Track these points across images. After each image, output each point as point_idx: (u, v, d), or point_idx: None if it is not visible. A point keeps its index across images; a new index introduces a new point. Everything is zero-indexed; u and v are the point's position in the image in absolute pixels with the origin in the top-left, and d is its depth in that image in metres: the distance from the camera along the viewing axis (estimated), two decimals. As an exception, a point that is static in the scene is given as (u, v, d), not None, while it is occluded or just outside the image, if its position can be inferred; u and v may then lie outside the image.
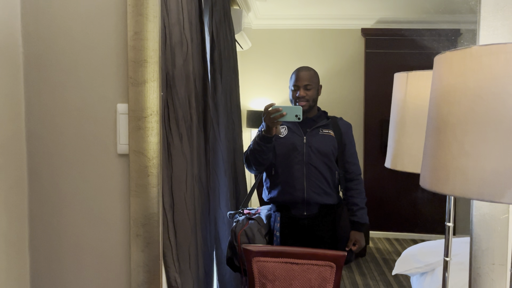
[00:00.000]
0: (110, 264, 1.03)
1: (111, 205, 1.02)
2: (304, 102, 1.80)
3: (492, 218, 0.90)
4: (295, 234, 1.84)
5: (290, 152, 1.86)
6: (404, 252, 1.98)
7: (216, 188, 2.05)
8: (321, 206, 1.84)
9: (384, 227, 3.10)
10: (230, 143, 2.25)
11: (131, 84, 0.94)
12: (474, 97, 0.67)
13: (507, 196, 0.64)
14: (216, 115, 2.08)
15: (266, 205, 1.99)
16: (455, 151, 0.69)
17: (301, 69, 1.85)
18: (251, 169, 1.90)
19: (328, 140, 1.87)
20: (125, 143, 0.99)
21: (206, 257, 1.80)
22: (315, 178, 1.84)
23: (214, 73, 2.07)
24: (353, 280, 2.60)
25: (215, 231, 2.03)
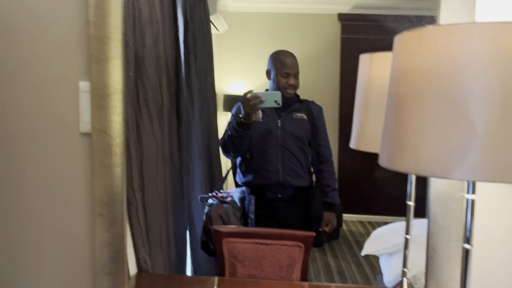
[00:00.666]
0: (74, 244, 1.02)
1: (74, 185, 1.01)
2: (292, 90, 1.82)
3: (449, 197, 0.93)
4: (269, 216, 1.87)
5: (265, 136, 1.87)
6: (373, 233, 2.03)
7: (190, 171, 2.05)
8: (295, 188, 1.87)
9: (357, 210, 3.15)
10: (205, 126, 2.25)
11: (93, 61, 0.92)
12: (429, 76, 0.68)
13: (457, 172, 0.66)
14: (190, 98, 2.07)
15: (238, 188, 2.00)
16: (410, 129, 0.71)
17: (288, 55, 1.85)
18: (229, 155, 1.91)
19: (301, 124, 1.88)
20: (88, 122, 0.97)
21: (179, 240, 1.80)
22: (290, 161, 1.86)
23: (188, 55, 2.05)
24: (326, 261, 2.65)
25: (189, 214, 2.03)
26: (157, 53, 1.56)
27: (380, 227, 2.56)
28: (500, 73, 0.63)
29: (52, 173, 1.02)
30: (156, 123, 1.50)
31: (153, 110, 1.49)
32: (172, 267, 1.67)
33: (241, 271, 1.40)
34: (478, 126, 0.64)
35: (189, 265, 2.02)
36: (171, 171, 1.69)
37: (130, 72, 1.37)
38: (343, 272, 2.52)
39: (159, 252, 1.49)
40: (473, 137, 0.64)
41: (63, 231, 1.03)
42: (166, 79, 1.63)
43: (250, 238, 1.42)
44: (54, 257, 1.05)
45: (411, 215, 1.07)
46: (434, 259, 0.94)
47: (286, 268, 1.38)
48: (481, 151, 0.64)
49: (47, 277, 1.06)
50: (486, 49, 0.64)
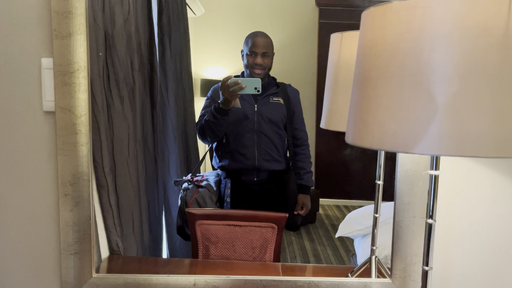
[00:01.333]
0: (38, 224, 1.00)
1: (38, 164, 0.98)
2: (260, 70, 1.80)
3: (414, 174, 0.94)
4: (245, 200, 1.87)
5: (242, 121, 1.87)
6: (347, 216, 2.06)
7: (165, 155, 2.03)
8: (271, 172, 1.87)
9: (334, 194, 3.18)
10: (180, 110, 2.22)
11: (55, 36, 0.89)
12: (392, 51, 0.69)
13: (418, 147, 0.66)
14: (165, 81, 2.04)
15: (213, 171, 2.00)
16: (374, 104, 0.71)
17: (258, 34, 1.84)
18: (205, 140, 1.90)
19: (278, 108, 1.89)
20: (51, 99, 0.94)
21: (153, 223, 1.79)
22: (266, 146, 1.87)
23: (162, 37, 2.01)
24: (302, 245, 2.68)
25: (164, 198, 2.02)
26: (128, 34, 1.52)
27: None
28: (460, 47, 0.63)
29: (14, 152, 0.99)
30: (127, 104, 1.47)
31: (124, 92, 1.46)
32: (146, 251, 1.66)
33: (214, 253, 1.40)
34: (439, 100, 0.64)
35: (166, 250, 2.01)
36: (144, 154, 1.67)
37: (99, 52, 1.34)
38: (319, 255, 2.55)
39: (131, 235, 1.48)
40: (433, 111, 0.65)
41: (26, 211, 1.00)
42: (138, 60, 1.60)
43: (223, 220, 1.42)
44: (17, 238, 1.02)
45: (379, 194, 1.09)
46: (399, 236, 0.96)
47: (259, 249, 1.39)
48: (441, 125, 0.64)
49: (11, 257, 1.04)
50: (448, 24, 0.64)
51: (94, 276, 0.98)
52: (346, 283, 1.00)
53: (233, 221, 1.42)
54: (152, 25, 1.83)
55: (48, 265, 1.02)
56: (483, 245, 1.06)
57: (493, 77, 0.63)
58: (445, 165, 1.00)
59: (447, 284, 1.07)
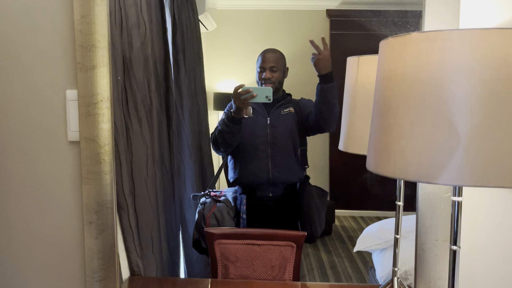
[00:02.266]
0: (63, 252, 1.02)
1: (63, 193, 1.00)
2: (269, 84, 1.82)
3: (436, 197, 0.94)
4: (261, 216, 1.87)
5: (255, 133, 1.88)
6: (365, 229, 2.05)
7: (181, 171, 2.05)
8: (286, 186, 1.88)
9: (349, 205, 3.17)
10: (195, 126, 2.24)
11: (80, 69, 0.92)
12: (412, 81, 0.69)
13: (442, 177, 0.67)
14: (180, 98, 2.06)
15: (230, 187, 2.01)
16: (395, 134, 0.72)
17: (267, 51, 1.87)
18: (219, 151, 1.91)
19: (289, 118, 1.90)
20: (76, 130, 0.97)
21: (171, 241, 1.80)
22: (280, 157, 1.88)
23: (176, 55, 2.04)
24: (319, 257, 2.67)
25: (180, 215, 2.03)
26: (145, 56, 1.55)
27: (372, 221, 2.59)
28: (481, 78, 0.64)
29: (40, 181, 1.02)
30: (145, 126, 1.49)
31: (142, 113, 1.48)
32: (165, 269, 1.67)
33: (233, 272, 1.41)
34: (461, 130, 0.65)
35: (183, 265, 2.02)
36: (162, 173, 1.69)
37: (118, 76, 1.36)
38: (336, 267, 2.54)
39: (151, 255, 1.49)
40: (456, 141, 0.65)
41: (52, 238, 1.02)
42: (154, 81, 1.62)
43: (242, 239, 1.43)
44: (43, 265, 1.05)
45: (400, 215, 1.09)
46: (422, 259, 0.95)
47: (278, 268, 1.40)
48: (464, 155, 0.65)
49: (37, 285, 1.06)
50: (468, 55, 0.65)
51: (118, 302, 0.99)
52: (369, 306, 1.00)
53: (252, 240, 1.43)
54: (167, 44, 1.86)
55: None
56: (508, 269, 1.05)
57: (517, 108, 0.63)
58: (467, 190, 0.99)
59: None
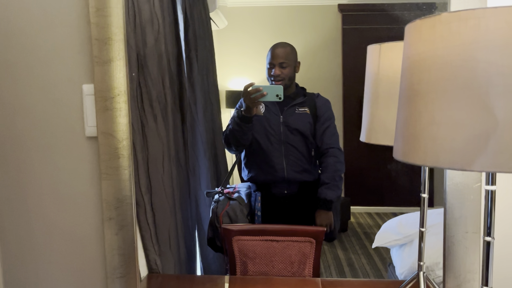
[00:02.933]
0: (83, 248, 1.01)
1: (82, 189, 0.99)
2: (279, 81, 1.77)
3: (465, 187, 0.91)
4: (276, 213, 1.85)
5: (268, 132, 1.85)
6: (384, 225, 2.02)
7: (196, 169, 2.04)
8: (301, 183, 1.85)
9: (364, 202, 3.13)
10: (208, 123, 2.23)
11: (96, 63, 0.90)
12: (443, 64, 0.66)
13: (476, 164, 0.64)
14: (193, 96, 2.05)
15: (244, 183, 1.98)
16: (425, 120, 0.69)
17: (277, 45, 1.82)
18: (231, 149, 1.89)
19: (304, 118, 1.86)
20: (93, 125, 0.95)
21: (188, 238, 1.79)
22: (294, 156, 1.84)
23: (189, 52, 2.03)
24: (335, 254, 2.64)
25: (196, 212, 2.02)
26: (159, 52, 1.54)
27: (387, 217, 2.55)
28: (518, 59, 0.60)
29: (59, 177, 1.01)
30: (161, 123, 1.49)
31: (157, 110, 1.47)
32: (182, 267, 1.66)
33: (252, 269, 1.39)
34: (498, 114, 0.61)
35: (199, 263, 2.01)
36: (178, 171, 1.68)
37: (132, 72, 1.35)
38: (353, 265, 2.51)
39: (168, 252, 1.48)
40: (493, 126, 0.62)
41: (72, 235, 1.01)
42: (168, 78, 1.61)
43: (260, 236, 1.41)
44: (64, 262, 1.04)
45: (425, 207, 1.06)
46: (451, 251, 0.92)
47: (298, 264, 1.37)
48: (501, 140, 0.62)
49: (58, 282, 1.05)
50: (504, 33, 0.61)
51: (139, 299, 0.98)
52: (396, 302, 0.97)
53: (270, 236, 1.40)
54: (180, 42, 1.85)
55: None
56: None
57: (557, 89, 0.60)
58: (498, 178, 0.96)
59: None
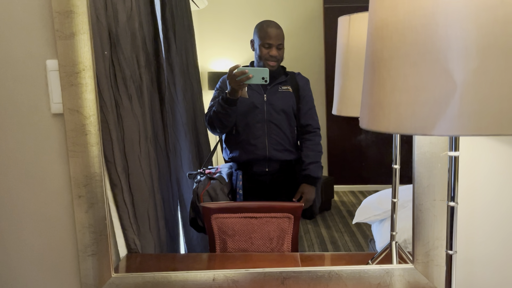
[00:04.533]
0: (54, 227, 1.00)
1: (50, 167, 0.97)
2: (274, 62, 1.78)
3: (433, 156, 0.91)
4: (257, 191, 1.85)
5: (251, 111, 1.85)
6: (364, 201, 2.04)
7: (177, 150, 2.03)
8: (282, 162, 1.86)
9: (348, 180, 3.15)
10: (189, 104, 2.21)
11: (59, 37, 0.88)
12: (404, 30, 0.66)
13: (437, 128, 0.64)
14: (172, 76, 2.03)
15: (226, 163, 1.99)
16: (388, 86, 0.69)
17: (272, 25, 1.81)
18: (215, 131, 1.89)
19: (287, 97, 1.86)
20: (59, 101, 0.93)
21: (169, 219, 1.79)
22: (276, 135, 1.85)
23: (166, 32, 2.00)
24: (319, 233, 2.66)
25: (179, 194, 2.02)
26: (132, 31, 1.51)
27: (370, 195, 2.57)
28: (477, 21, 0.60)
29: (25, 156, 0.99)
30: (136, 102, 1.47)
31: (132, 90, 1.45)
32: (164, 247, 1.66)
33: (232, 246, 1.39)
34: (457, 77, 0.61)
35: (183, 245, 2.02)
36: (156, 151, 1.66)
37: (104, 51, 1.32)
38: (336, 242, 2.53)
39: (148, 232, 1.48)
40: (452, 89, 0.62)
41: (41, 214, 1.00)
42: (144, 57, 1.58)
43: (239, 213, 1.41)
44: (34, 241, 1.03)
45: (397, 179, 1.07)
46: (420, 220, 0.93)
47: (277, 240, 1.38)
48: (461, 104, 0.62)
49: (29, 261, 1.04)
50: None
51: (113, 276, 0.98)
52: (368, 271, 0.98)
53: (249, 213, 1.41)
54: (156, 21, 1.81)
55: (66, 268, 1.02)
56: (506, 224, 1.03)
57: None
58: (463, 145, 0.97)
59: (471, 265, 1.05)
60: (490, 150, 0.99)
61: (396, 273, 0.98)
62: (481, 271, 1.05)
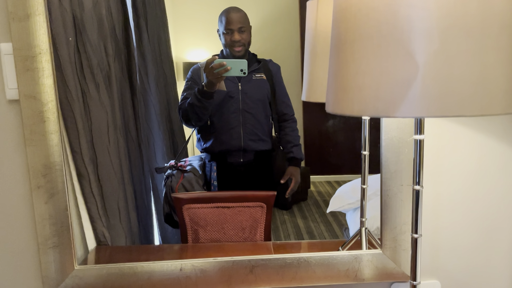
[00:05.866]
0: (12, 219, 0.96)
1: (6, 157, 0.93)
2: (240, 47, 1.74)
3: (400, 141, 0.91)
4: (232, 182, 1.84)
5: (226, 101, 1.82)
6: (338, 190, 2.04)
7: (150, 141, 1.99)
8: (257, 152, 1.84)
9: (324, 171, 3.16)
10: (162, 95, 2.17)
11: (12, 19, 0.83)
12: (367, 10, 0.65)
13: (400, 110, 0.63)
14: (144, 66, 1.98)
15: (195, 156, 1.96)
16: (352, 69, 0.68)
17: (231, 10, 1.78)
18: (190, 124, 1.86)
19: (262, 84, 1.85)
20: (14, 87, 0.89)
21: (142, 212, 1.76)
22: (252, 125, 1.83)
23: (137, 20, 1.94)
24: (295, 223, 2.66)
25: (152, 185, 1.99)
26: (99, 17, 1.46)
27: (347, 185, 2.58)
28: (437, 1, 0.59)
29: (-20, 146, 0.94)
30: (104, 91, 1.43)
31: (99, 78, 1.41)
32: (136, 240, 1.63)
33: (204, 236, 1.38)
34: (419, 59, 0.61)
35: (158, 238, 1.99)
36: (127, 142, 1.63)
37: (69, 37, 1.28)
38: (312, 232, 2.54)
39: (118, 224, 1.45)
40: (414, 71, 0.61)
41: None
42: (113, 45, 1.54)
43: (211, 203, 1.40)
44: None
45: (366, 165, 1.07)
46: (387, 205, 0.93)
47: (249, 229, 1.37)
48: (422, 85, 0.61)
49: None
50: (424, -24, 0.60)
51: (76, 269, 0.94)
52: (336, 257, 0.98)
53: (221, 203, 1.39)
54: (126, 8, 1.77)
55: (27, 261, 0.98)
56: (472, 208, 1.04)
57: (475, 32, 0.59)
58: (429, 130, 0.97)
59: (437, 250, 1.06)
60: (456, 135, 1.00)
61: (364, 258, 0.98)
62: (447, 256, 1.07)
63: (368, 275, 0.99)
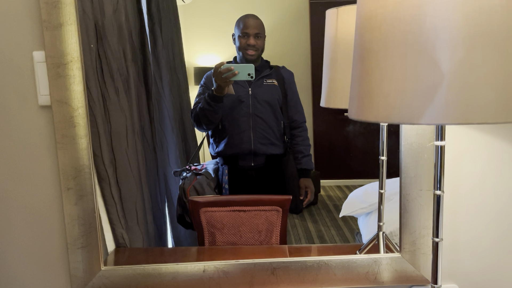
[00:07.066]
0: (43, 220, 0.99)
1: (38, 160, 0.96)
2: (253, 51, 1.79)
3: (419, 147, 0.93)
4: (243, 185, 1.86)
5: (236, 105, 1.85)
6: (350, 194, 2.06)
7: (164, 146, 2.02)
8: (268, 156, 1.87)
9: (334, 175, 3.17)
10: (176, 99, 2.20)
11: (46, 28, 0.87)
12: (393, 20, 0.67)
13: (424, 117, 0.65)
14: (158, 71, 2.02)
15: (212, 160, 2.00)
16: (377, 77, 0.70)
17: (249, 16, 1.83)
18: (201, 128, 1.90)
19: (272, 90, 1.87)
20: (46, 93, 0.92)
21: (157, 214, 1.79)
22: (262, 129, 1.86)
23: (152, 26, 1.98)
24: (306, 227, 2.68)
25: (166, 189, 2.01)
26: (119, 24, 1.50)
27: (357, 190, 2.59)
28: (463, 11, 0.62)
29: (13, 149, 0.97)
30: (123, 96, 1.46)
31: (119, 83, 1.45)
32: (152, 242, 1.65)
33: (220, 239, 1.40)
34: (444, 67, 0.63)
35: (170, 240, 2.01)
36: (143, 146, 1.66)
37: (91, 44, 1.31)
38: (323, 236, 2.56)
39: (136, 227, 1.47)
40: (439, 79, 0.64)
41: (30, 207, 0.99)
42: (130, 51, 1.58)
43: (227, 206, 1.42)
44: (23, 235, 1.01)
45: (384, 170, 1.09)
46: (407, 209, 0.95)
47: (265, 233, 1.39)
48: (447, 93, 0.63)
49: (18, 255, 1.03)
50: (449, -12, 0.62)
51: (103, 269, 0.97)
52: (356, 260, 1.00)
53: (237, 207, 1.42)
54: (142, 15, 1.81)
55: (56, 260, 1.01)
56: (491, 212, 1.06)
57: (499, 40, 0.61)
58: (449, 136, 0.99)
59: (456, 254, 1.07)
60: (475, 141, 1.02)
61: (383, 262, 1.00)
62: (466, 259, 1.08)
63: (387, 278, 1.00)
